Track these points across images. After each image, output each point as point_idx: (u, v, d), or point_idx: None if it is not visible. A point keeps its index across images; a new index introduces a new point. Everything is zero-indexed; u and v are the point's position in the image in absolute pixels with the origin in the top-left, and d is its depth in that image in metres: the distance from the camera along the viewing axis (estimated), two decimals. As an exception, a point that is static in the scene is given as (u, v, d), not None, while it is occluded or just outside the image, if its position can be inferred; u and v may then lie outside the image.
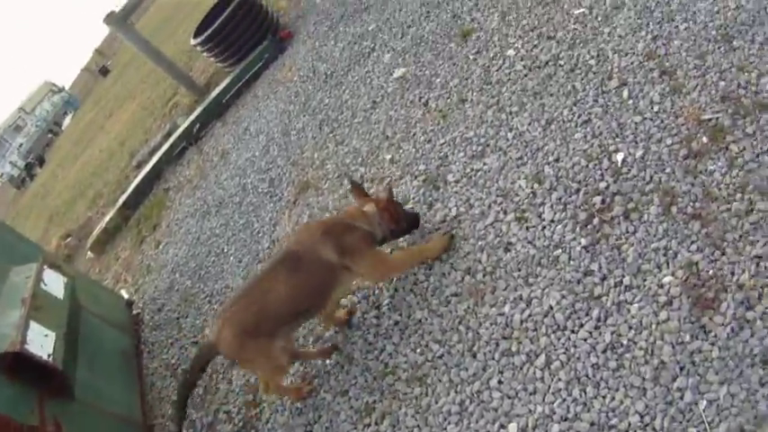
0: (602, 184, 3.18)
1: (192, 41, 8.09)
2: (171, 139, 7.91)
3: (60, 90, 48.09)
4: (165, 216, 6.66)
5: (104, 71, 37.68)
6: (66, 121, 39.03)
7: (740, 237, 2.70)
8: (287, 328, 3.34)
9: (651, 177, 3.10)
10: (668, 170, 3.08)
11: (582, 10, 4.34)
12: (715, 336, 2.47)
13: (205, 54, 8.25)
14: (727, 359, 2.39)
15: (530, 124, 3.75)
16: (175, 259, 5.61)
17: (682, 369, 2.43)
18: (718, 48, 3.48)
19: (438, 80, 4.62)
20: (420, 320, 3.21)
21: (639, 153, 3.22)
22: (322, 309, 3.41)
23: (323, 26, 6.84)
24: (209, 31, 7.72)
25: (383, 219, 3.33)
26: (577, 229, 3.07)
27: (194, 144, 7.45)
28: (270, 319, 3.22)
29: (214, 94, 7.66)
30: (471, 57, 4.60)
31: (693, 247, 2.76)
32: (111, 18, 8.06)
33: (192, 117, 7.73)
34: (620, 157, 3.27)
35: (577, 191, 3.23)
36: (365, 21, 6.19)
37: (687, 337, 2.51)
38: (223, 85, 7.55)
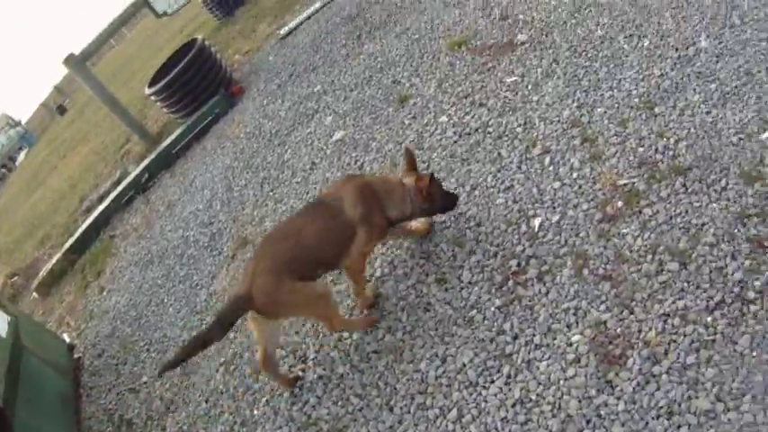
0: (519, 248, 3.37)
1: (147, 91, 8.23)
2: (120, 187, 7.95)
3: (17, 124, 47.30)
4: (110, 263, 6.69)
5: (62, 110, 37.25)
6: (21, 156, 38.41)
7: (649, 296, 2.87)
8: (313, 275, 3.42)
9: (566, 241, 3.30)
10: (582, 234, 3.28)
11: (514, 78, 4.62)
12: (621, 390, 2.59)
13: (158, 104, 8.41)
14: (633, 412, 2.51)
15: (455, 189, 3.93)
16: (117, 306, 5.66)
17: (588, 422, 2.55)
18: (640, 115, 3.74)
19: (374, 144, 4.82)
20: (342, 375, 3.34)
21: (556, 218, 3.43)
22: (340, 262, 3.47)
23: (272, 84, 7.03)
24: (164, 82, 7.88)
25: (416, 195, 3.46)
26: (493, 290, 3.24)
27: (142, 193, 7.50)
28: (301, 260, 3.29)
29: (164, 144, 7.77)
30: (407, 122, 4.83)
31: (602, 306, 2.93)
32: (70, 60, 8.16)
33: (142, 166, 7.81)
34: (537, 221, 3.48)
35: (495, 254, 3.42)
36: (312, 82, 6.41)
37: (593, 392, 2.64)
38: (174, 136, 7.67)
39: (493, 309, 3.16)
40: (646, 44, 4.27)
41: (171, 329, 4.69)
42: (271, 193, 5.10)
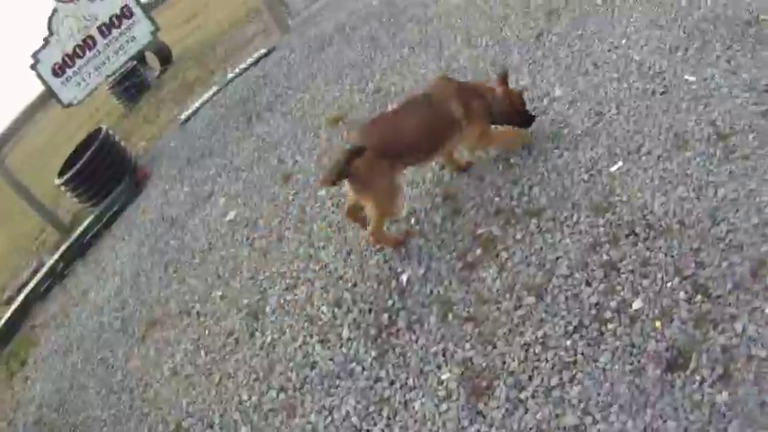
0: (390, 302, 3.64)
1: (57, 181, 8.36)
2: (37, 277, 8.03)
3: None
4: (33, 352, 6.68)
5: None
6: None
7: (510, 330, 3.09)
8: (404, 162, 3.83)
9: (431, 291, 3.56)
10: (446, 282, 3.54)
11: None
12: (491, 418, 2.79)
13: (68, 194, 8.56)
14: None
15: (334, 256, 4.23)
16: (42, 394, 5.71)
17: (464, 450, 2.76)
18: (497, 167, 4.05)
19: (262, 221, 5.10)
20: None
21: (422, 271, 3.70)
22: (433, 156, 3.93)
23: (173, 169, 7.25)
24: (71, 173, 8.05)
25: (504, 102, 3.92)
26: (369, 343, 3.49)
27: (59, 282, 7.59)
28: (399, 144, 3.69)
29: (77, 233, 7.84)
30: (290, 197, 5.12)
31: (467, 345, 3.16)
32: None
33: (57, 255, 7.88)
34: (405, 277, 3.74)
35: (369, 311, 3.68)
36: (207, 165, 6.68)
37: (466, 423, 2.84)
38: (84, 225, 7.79)
39: (370, 360, 3.41)
40: None
41: (93, 411, 4.78)
42: (174, 275, 5.32)
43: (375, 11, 7.75)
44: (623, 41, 4.53)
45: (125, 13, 11.14)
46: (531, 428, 2.69)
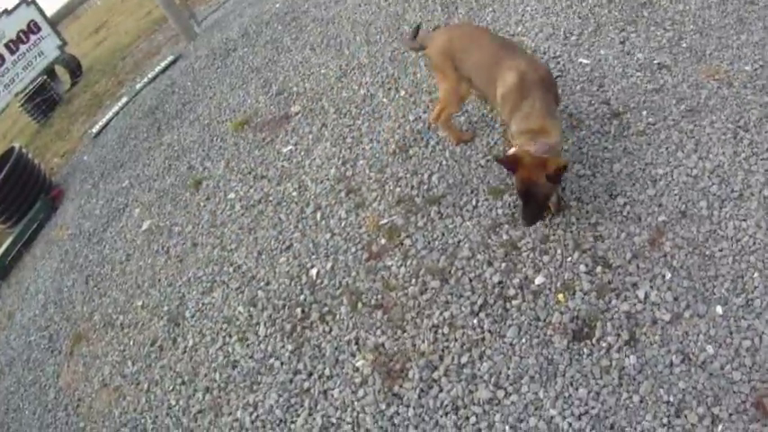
0: (302, 297, 3.72)
1: (-28, 204, 8.12)
2: (-39, 303, 7.79)
3: None
4: None
5: None
6: None
7: (417, 314, 3.22)
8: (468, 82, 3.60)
9: (340, 283, 3.66)
10: (354, 273, 3.65)
11: (290, 147, 4.99)
12: (408, 399, 2.92)
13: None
14: (423, 415, 2.81)
15: (246, 257, 4.28)
16: None
17: (384, 432, 2.84)
18: (397, 158, 4.12)
19: (177, 228, 5.09)
20: None
21: (330, 265, 3.79)
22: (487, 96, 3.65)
23: (87, 184, 7.12)
24: (-15, 194, 7.81)
25: None
26: (285, 338, 3.58)
27: (-17, 306, 7.41)
28: (465, 61, 3.48)
29: (-4, 256, 7.69)
30: (202, 203, 5.13)
31: (378, 331, 3.27)
32: None
33: (-22, 280, 7.70)
34: (314, 271, 3.83)
35: (283, 306, 3.75)
36: (120, 177, 6.59)
37: (384, 406, 2.95)
38: (4, 246, 7.57)
39: (287, 354, 3.49)
40: (402, 94, 4.75)
41: (30, 431, 4.73)
42: (95, 288, 5.26)
43: (278, 14, 7.74)
44: (519, 29, 4.71)
45: (32, 29, 10.87)
46: (446, 405, 2.80)
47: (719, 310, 2.64)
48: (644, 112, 3.55)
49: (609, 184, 3.28)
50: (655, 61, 3.82)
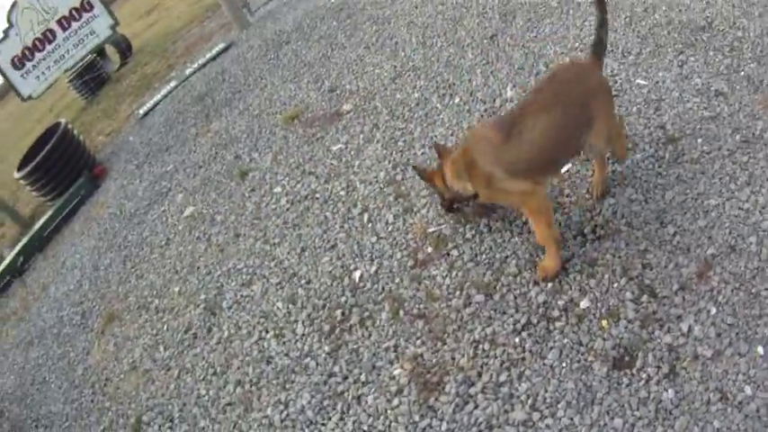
0: (343, 299, 3.62)
1: (16, 175, 8.19)
2: (-3, 271, 7.88)
3: None
4: None
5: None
6: None
7: (459, 327, 3.09)
8: None
9: (383, 288, 3.54)
10: (397, 280, 3.53)
11: (340, 146, 4.91)
12: (442, 412, 2.78)
13: (27, 188, 8.39)
14: (456, 430, 2.70)
15: (288, 253, 4.20)
16: (4, 388, 5.59)
17: (415, 444, 2.74)
18: None
19: (219, 217, 5.05)
20: (203, 428, 3.50)
21: (374, 269, 3.68)
22: None
23: (132, 164, 7.13)
24: (30, 167, 7.89)
25: None
26: (323, 339, 3.48)
27: (19, 276, 7.44)
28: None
29: (36, 227, 7.68)
30: (247, 194, 5.08)
31: (418, 341, 3.15)
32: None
33: (16, 250, 7.74)
34: (357, 274, 3.73)
35: (323, 306, 3.66)
36: (165, 161, 6.58)
37: (417, 417, 2.83)
38: (44, 219, 7.64)
39: (324, 355, 3.39)
40: (456, 101, 4.64)
41: (55, 405, 4.70)
42: (132, 270, 5.24)
43: (333, 9, 7.70)
44: (576, 44, 4.56)
45: (85, 6, 10.91)
46: (480, 423, 2.70)
47: (761, 350, 2.50)
48: (699, 140, 3.41)
49: (660, 211, 3.15)
50: (712, 87, 3.67)
